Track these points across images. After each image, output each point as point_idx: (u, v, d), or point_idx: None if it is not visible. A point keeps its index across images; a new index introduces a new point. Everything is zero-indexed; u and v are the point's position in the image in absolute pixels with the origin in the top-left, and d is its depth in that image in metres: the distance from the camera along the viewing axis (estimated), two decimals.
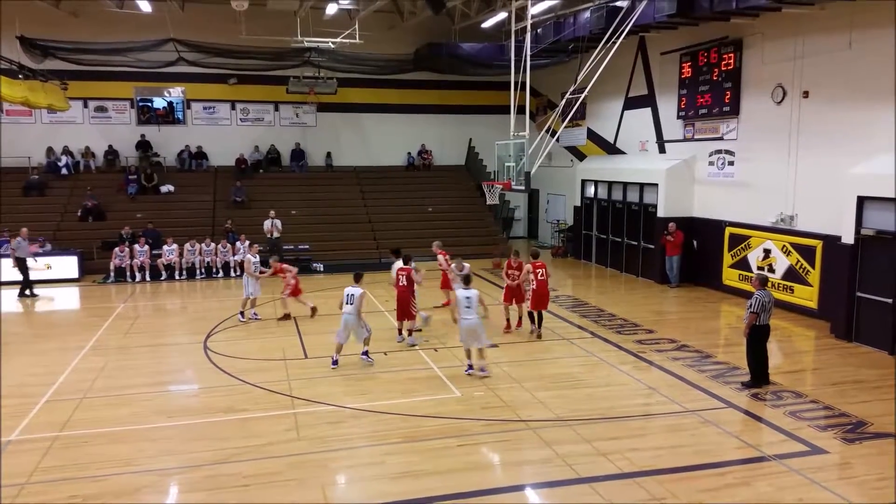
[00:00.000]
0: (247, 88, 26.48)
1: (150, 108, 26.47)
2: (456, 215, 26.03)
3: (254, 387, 10.66)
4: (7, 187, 23.55)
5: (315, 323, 14.86)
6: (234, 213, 23.83)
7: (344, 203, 25.77)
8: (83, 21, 23.21)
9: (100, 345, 13.30)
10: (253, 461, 8.06)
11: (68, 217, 23.01)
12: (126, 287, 19.64)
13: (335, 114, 27.54)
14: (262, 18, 22.38)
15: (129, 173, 24.58)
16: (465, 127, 28.58)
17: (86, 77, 23.74)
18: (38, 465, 7.87)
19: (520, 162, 17.20)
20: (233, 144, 26.55)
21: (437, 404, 9.82)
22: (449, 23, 24.60)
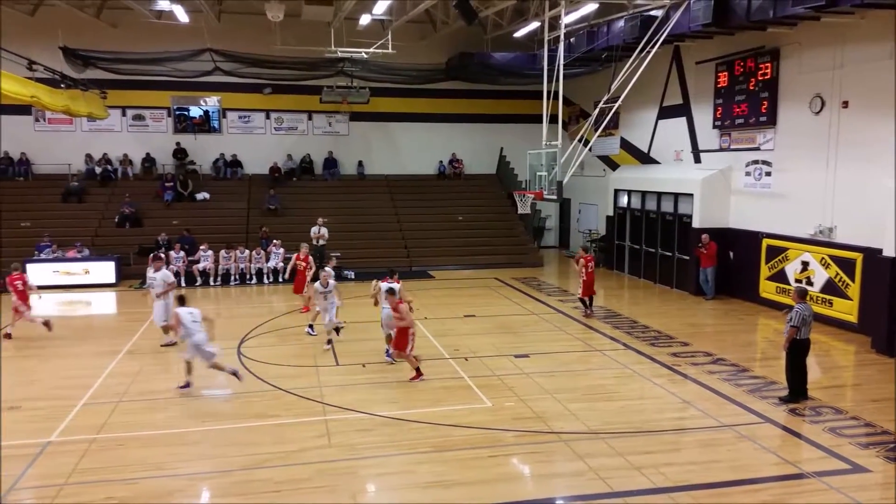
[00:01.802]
0: (281, 98, 26.83)
1: (187, 116, 26.96)
2: (486, 224, 25.99)
3: (286, 393, 10.73)
4: (47, 194, 24.19)
5: (347, 331, 14.89)
6: (268, 220, 24.09)
7: (375, 211, 25.92)
8: (122, 31, 23.77)
9: (136, 349, 13.52)
10: (284, 467, 8.10)
11: (106, 223, 23.51)
12: None
13: (367, 123, 27.75)
14: (297, 29, 22.68)
15: (166, 181, 25.06)
16: (496, 136, 28.57)
17: (124, 86, 24.26)
18: (76, 467, 8.00)
19: (552, 171, 17.14)
20: (267, 153, 26.90)
21: (467, 414, 9.77)
22: (481, 33, 24.66)
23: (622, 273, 22.72)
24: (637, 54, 17.25)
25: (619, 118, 22.98)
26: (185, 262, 20.84)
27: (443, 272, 22.86)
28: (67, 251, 20.79)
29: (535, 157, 18.56)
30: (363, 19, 22.23)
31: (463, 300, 18.19)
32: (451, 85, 26.51)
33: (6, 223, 22.53)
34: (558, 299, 18.41)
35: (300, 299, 17.42)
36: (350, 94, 24.91)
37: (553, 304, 17.76)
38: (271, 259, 21.41)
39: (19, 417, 9.67)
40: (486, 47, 24.81)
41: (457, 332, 14.71)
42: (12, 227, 22.42)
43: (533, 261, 24.43)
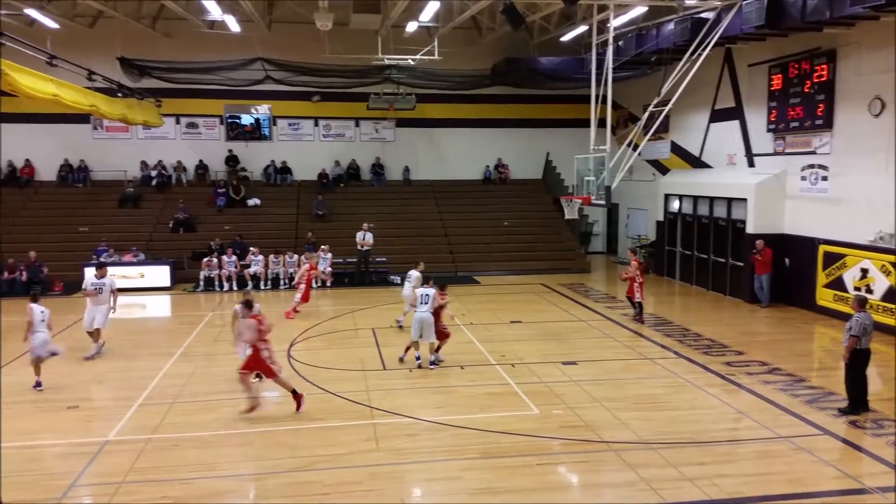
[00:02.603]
0: (329, 105, 27.20)
1: (239, 124, 27.54)
2: (532, 230, 25.83)
3: (334, 396, 10.83)
4: (104, 199, 25.00)
5: (394, 335, 14.99)
6: (316, 225, 24.43)
7: (420, 217, 26.03)
8: (176, 41, 24.44)
9: (189, 351, 13.85)
10: (332, 470, 8.17)
11: (161, 228, 24.16)
12: (214, 296, 20.41)
13: (413, 129, 27.91)
14: (345, 37, 22.96)
15: (218, 187, 25.64)
16: (543, 141, 28.40)
17: (178, 95, 24.93)
18: (133, 466, 8.22)
19: (600, 176, 16.94)
20: (315, 159, 27.28)
21: (515, 421, 9.70)
22: (527, 37, 24.57)
23: (673, 280, 22.28)
24: (688, 57, 16.94)
25: (669, 122, 22.55)
26: (237, 267, 21.26)
27: (488, 278, 22.80)
28: (124, 255, 21.44)
29: (582, 162, 18.38)
30: (410, 26, 22.40)
31: (509, 306, 18.09)
32: (497, 90, 26.48)
33: (67, 228, 23.40)
34: (606, 306, 18.16)
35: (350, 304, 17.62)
36: (396, 100, 25.10)
37: (601, 311, 17.52)
38: (319, 264, 21.66)
39: (78, 416, 10.00)
40: (532, 52, 24.70)
41: (503, 339, 14.63)
42: (71, 231, 23.27)
43: (580, 266, 24.16)
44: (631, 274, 16.08)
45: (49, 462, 8.32)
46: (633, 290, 16.09)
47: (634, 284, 16.07)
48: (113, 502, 7.35)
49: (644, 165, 24.88)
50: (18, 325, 16.32)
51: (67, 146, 25.79)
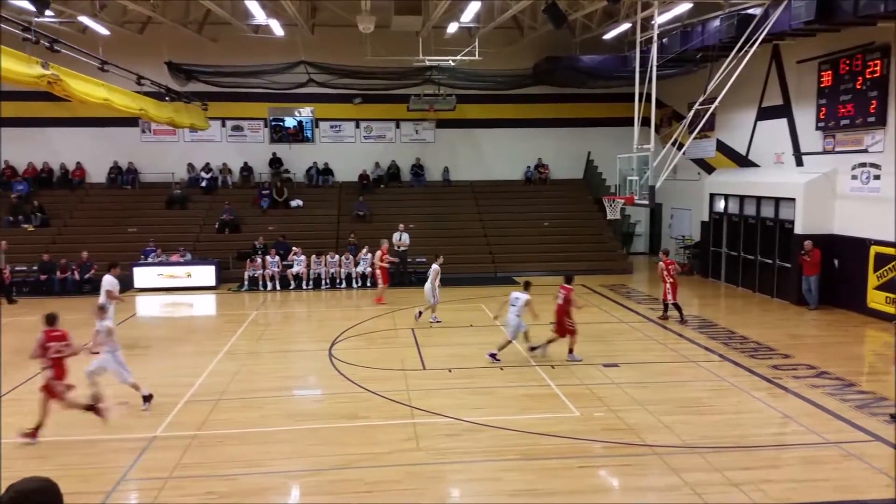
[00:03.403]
0: (370, 107, 27.42)
1: (282, 127, 27.97)
2: (573, 230, 25.62)
3: (375, 395, 10.91)
4: (152, 201, 25.66)
5: (433, 335, 15.05)
6: (357, 226, 24.65)
7: (460, 217, 26.05)
8: (222, 46, 24.91)
9: (234, 350, 14.11)
10: (374, 468, 8.24)
11: (207, 229, 24.68)
12: (258, 295, 20.76)
13: (453, 130, 27.95)
14: (386, 39, 23.12)
15: (262, 188, 26.09)
16: (584, 140, 28.13)
17: (224, 98, 25.46)
18: (179, 462, 8.42)
19: (643, 175, 16.71)
20: (356, 161, 27.54)
21: (555, 423, 9.64)
22: (568, 36, 24.36)
23: (718, 281, 21.84)
24: (734, 54, 16.60)
25: (714, 120, 22.13)
26: (280, 267, 21.60)
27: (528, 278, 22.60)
28: (171, 255, 21.97)
29: (625, 162, 18.17)
30: (451, 27, 22.43)
31: (549, 307, 17.86)
32: (538, 90, 26.35)
33: (116, 228, 24.09)
34: (649, 307, 17.89)
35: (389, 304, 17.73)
36: (437, 101, 25.17)
37: (643, 313, 17.28)
38: (360, 264, 21.88)
39: (129, 412, 10.27)
40: (574, 50, 24.51)
41: (543, 340, 14.50)
42: (121, 232, 23.94)
43: (622, 267, 23.86)
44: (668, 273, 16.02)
45: (101, 456, 8.57)
46: (666, 292, 16.00)
47: (666, 285, 15.94)
48: (160, 497, 7.53)
49: (689, 164, 24.44)
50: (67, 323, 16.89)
51: (117, 149, 26.55)
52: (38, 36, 12.86)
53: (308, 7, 23.46)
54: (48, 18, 18.79)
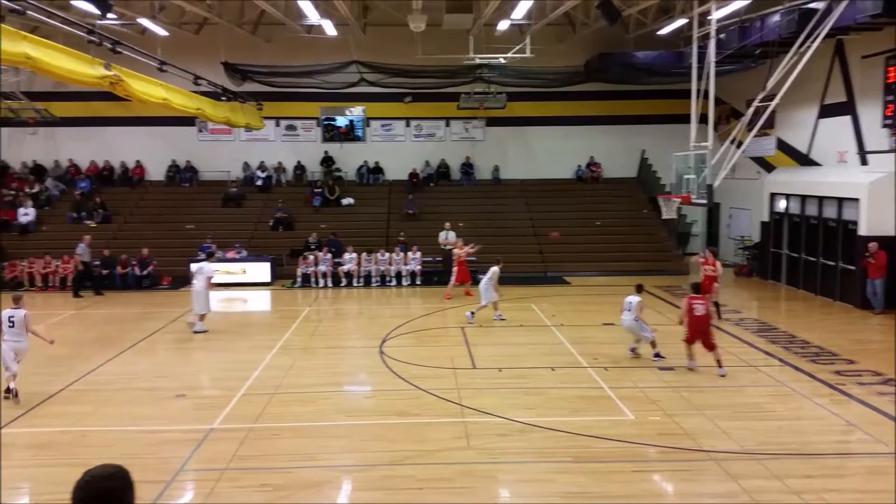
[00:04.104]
0: (420, 106, 27.51)
1: (334, 126, 28.29)
2: (626, 230, 25.18)
3: (425, 393, 10.92)
4: (209, 199, 26.29)
5: (483, 334, 15.00)
6: (406, 224, 24.77)
7: (510, 216, 25.90)
8: (276, 46, 25.34)
9: (288, 345, 14.32)
10: (425, 465, 8.25)
11: (261, 226, 25.15)
12: (311, 292, 21.06)
13: (503, 128, 27.80)
14: (437, 38, 23.12)
15: (315, 187, 26.45)
16: (637, 138, 27.62)
17: (277, 98, 25.87)
18: (236, 454, 8.57)
19: (701, 174, 16.31)
20: (406, 159, 27.67)
21: (608, 426, 9.47)
22: (621, 32, 23.96)
23: (778, 283, 21.17)
24: (795, 49, 16.05)
25: (774, 117, 21.44)
26: (332, 264, 21.86)
27: (579, 279, 22.41)
28: (227, 252, 22.45)
29: (682, 160, 17.76)
30: (501, 25, 22.29)
31: (601, 308, 17.68)
32: (589, 86, 25.99)
33: (174, 225, 24.76)
34: None
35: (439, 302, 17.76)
36: (487, 99, 25.09)
37: None
38: (410, 263, 21.98)
39: (186, 405, 10.54)
40: (628, 47, 24.10)
41: (595, 341, 14.34)
42: (179, 229, 24.59)
43: (677, 268, 23.33)
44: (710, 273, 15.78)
45: (160, 447, 8.80)
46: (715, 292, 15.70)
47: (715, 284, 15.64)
48: (217, 488, 7.69)
49: (748, 163, 23.74)
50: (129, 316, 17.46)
51: (175, 148, 27.29)
52: (101, 38, 13.27)
53: (360, 7, 23.65)
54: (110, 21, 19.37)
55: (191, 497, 7.71)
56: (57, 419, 9.91)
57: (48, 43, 11.50)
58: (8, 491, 7.77)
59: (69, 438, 9.14)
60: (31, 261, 21.58)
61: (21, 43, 10.58)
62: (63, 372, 12.10)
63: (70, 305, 18.99)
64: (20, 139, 26.94)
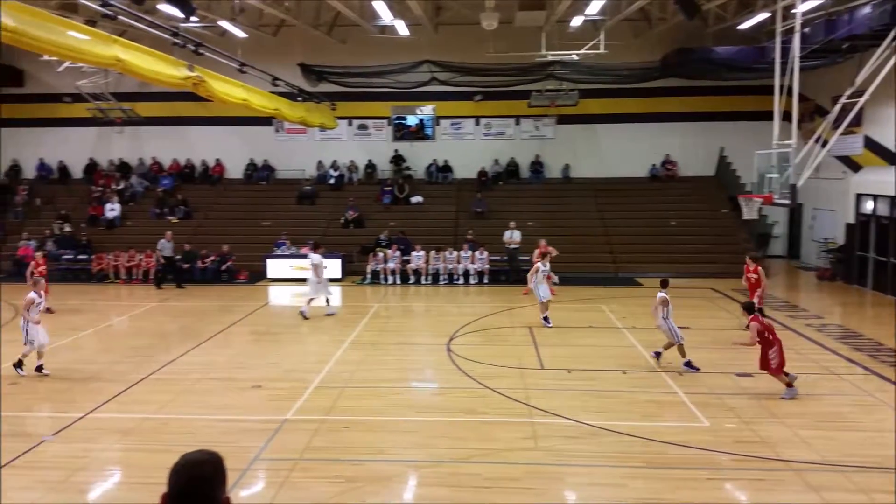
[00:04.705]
0: (490, 104, 27.44)
1: (404, 125, 28.58)
2: (702, 230, 24.42)
3: (492, 392, 10.90)
4: (284, 196, 27.01)
5: (551, 335, 14.86)
6: (475, 223, 24.78)
7: (580, 215, 25.53)
8: (350, 47, 25.78)
9: (358, 340, 14.57)
10: (492, 464, 8.25)
11: (333, 224, 25.67)
12: (380, 289, 21.39)
13: (574, 125, 27.41)
14: (509, 35, 23.01)
15: (385, 185, 26.81)
16: (715, 135, 26.72)
17: (350, 98, 26.30)
18: (308, 445, 8.79)
19: (784, 173, 15.66)
20: (475, 158, 27.67)
21: (682, 432, 9.22)
22: (699, 26, 23.23)
23: (864, 288, 20.13)
24: (888, 43, 15.19)
25: (862, 114, 20.35)
26: (401, 262, 22.11)
27: (652, 280, 21.69)
28: (301, 248, 23.00)
29: (764, 158, 17.08)
30: (575, 21, 22.00)
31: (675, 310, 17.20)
32: (665, 83, 25.29)
33: (251, 222, 25.54)
34: (787, 314, 16.77)
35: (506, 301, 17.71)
36: (559, 96, 24.82)
37: (780, 320, 16.15)
38: (477, 262, 22.00)
39: (262, 396, 10.86)
40: (706, 41, 23.36)
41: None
42: (255, 225, 25.37)
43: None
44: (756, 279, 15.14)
45: (237, 435, 9.09)
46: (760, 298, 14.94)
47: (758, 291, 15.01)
48: (290, 477, 7.89)
49: (833, 162, 22.59)
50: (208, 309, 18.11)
51: (252, 147, 28.16)
52: (185, 40, 13.81)
53: (432, 6, 23.80)
54: (192, 23, 20.14)
55: (266, 485, 7.93)
56: (140, 406, 10.38)
57: (136, 46, 12.06)
58: (96, 473, 8.22)
59: (152, 425, 9.57)
60: (116, 254, 22.70)
61: (112, 46, 11.14)
62: (145, 361, 12.69)
63: (152, 297, 19.86)
64: (108, 138, 28.39)
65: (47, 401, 10.55)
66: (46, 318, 15.88)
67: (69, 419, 9.65)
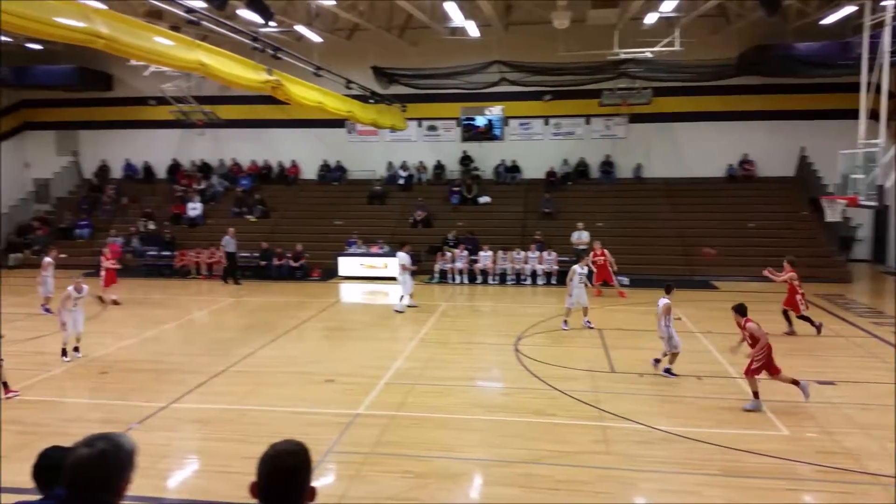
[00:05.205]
0: (560, 103, 27.18)
1: (473, 125, 28.66)
2: (782, 232, 23.48)
3: (562, 393, 10.82)
4: (356, 196, 27.54)
5: (622, 338, 14.64)
6: (542, 223, 24.63)
7: (652, 216, 24.99)
8: (421, 49, 26.05)
9: (426, 338, 14.74)
10: (562, 466, 8.20)
11: (402, 223, 26.00)
12: (447, 288, 21.57)
13: (647, 124, 26.85)
14: (580, 34, 22.77)
15: (454, 185, 26.98)
16: (796, 134, 25.67)
17: (420, 100, 26.59)
18: (379, 439, 8.96)
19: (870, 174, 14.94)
20: (544, 158, 27.49)
21: (760, 440, 8.92)
22: (779, 22, 22.36)
23: None
24: None
25: None
26: (468, 262, 22.19)
27: (728, 283, 21.21)
28: (371, 247, 23.42)
29: (848, 158, 16.33)
30: (649, 18, 21.57)
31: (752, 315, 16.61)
32: (743, 80, 24.51)
33: (324, 221, 26.13)
34: (871, 321, 15.99)
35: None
36: (631, 95, 24.42)
37: (865, 327, 15.48)
38: (545, 262, 21.85)
39: (335, 389, 11.13)
40: (787, 38, 22.49)
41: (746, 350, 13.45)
42: (328, 224, 25.96)
43: (839, 275, 21.51)
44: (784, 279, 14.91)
45: (311, 428, 9.34)
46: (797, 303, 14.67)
47: (796, 295, 14.61)
48: (362, 471, 8.06)
49: None
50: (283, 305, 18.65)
51: (326, 148, 28.84)
52: (264, 45, 14.28)
53: (503, 6, 23.77)
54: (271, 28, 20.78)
55: (338, 478, 8.12)
56: (219, 397, 10.81)
57: (218, 50, 12.57)
58: (178, 461, 8.61)
59: (231, 416, 9.94)
60: (198, 251, 23.66)
61: (195, 50, 11.64)
62: (224, 354, 13.20)
63: (231, 293, 20.61)
64: (190, 140, 29.64)
65: (134, 390, 11.09)
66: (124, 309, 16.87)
67: (154, 408, 10.14)
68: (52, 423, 9.69)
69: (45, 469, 3.37)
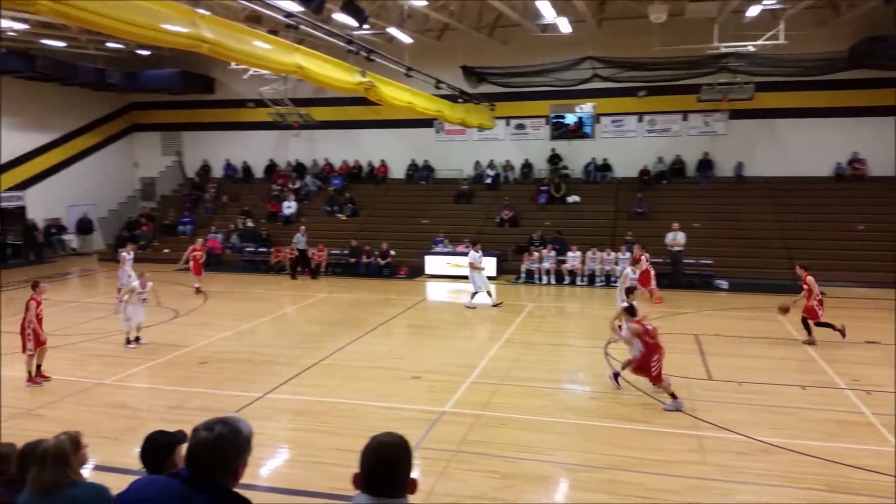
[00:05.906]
0: (654, 100, 26.37)
1: (562, 123, 28.25)
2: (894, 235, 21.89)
3: (654, 400, 10.47)
4: (443, 195, 27.71)
5: (720, 344, 14.03)
6: (634, 224, 23.97)
7: (753, 216, 23.81)
8: (511, 47, 25.89)
9: (512, 338, 14.63)
10: (653, 475, 7.91)
11: (488, 222, 25.94)
12: (534, 288, 21.34)
13: (749, 120, 25.65)
14: (677, 28, 22.01)
15: (541, 184, 26.68)
16: None
17: (508, 98, 26.43)
18: (465, 438, 8.95)
19: None
20: (637, 156, 26.74)
21: (869, 456, 8.32)
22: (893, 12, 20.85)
23: None
24: None
25: None
26: (556, 262, 21.89)
27: (835, 289, 19.77)
28: (457, 246, 23.50)
29: None
30: (751, 11, 20.57)
31: (862, 323, 15.56)
32: (853, 74, 22.95)
33: (411, 220, 26.44)
34: None
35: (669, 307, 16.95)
36: (732, 90, 23.38)
37: None
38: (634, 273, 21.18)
39: (421, 387, 11.22)
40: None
41: (854, 360, 12.67)
42: (415, 223, 26.26)
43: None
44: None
45: (398, 423, 9.41)
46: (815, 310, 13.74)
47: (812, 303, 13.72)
48: (448, 468, 8.06)
49: None
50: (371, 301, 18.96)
51: (414, 148, 29.18)
52: (358, 47, 14.55)
53: (597, 3, 23.28)
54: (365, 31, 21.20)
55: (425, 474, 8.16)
56: (311, 389, 11.10)
57: (315, 53, 12.90)
58: (273, 449, 8.88)
59: (322, 408, 10.18)
60: (292, 248, 24.43)
61: (294, 54, 11.99)
62: (316, 347, 13.59)
63: (322, 289, 21.18)
64: (286, 140, 30.72)
65: (231, 380, 11.56)
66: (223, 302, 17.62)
67: (250, 398, 10.53)
68: (155, 408, 10.24)
69: (151, 452, 3.58)
